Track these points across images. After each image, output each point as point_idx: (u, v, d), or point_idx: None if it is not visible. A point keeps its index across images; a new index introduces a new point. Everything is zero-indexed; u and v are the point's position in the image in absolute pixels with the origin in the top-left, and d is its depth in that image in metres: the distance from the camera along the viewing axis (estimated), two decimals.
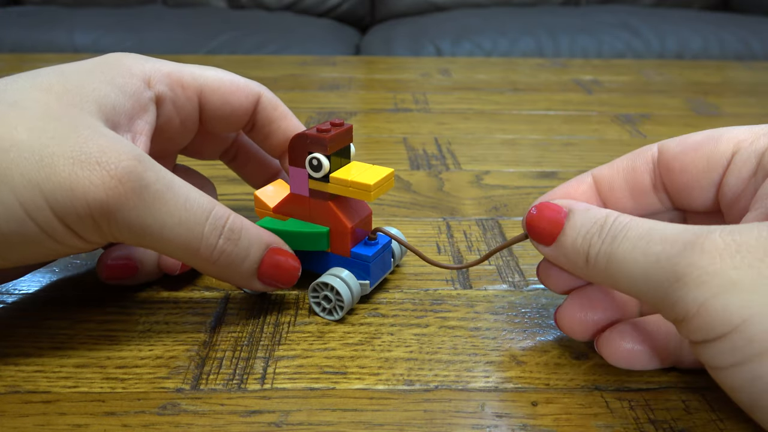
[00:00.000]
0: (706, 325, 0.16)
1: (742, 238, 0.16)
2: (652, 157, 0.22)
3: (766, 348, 0.15)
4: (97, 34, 1.17)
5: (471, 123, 0.51)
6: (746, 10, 1.47)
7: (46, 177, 0.18)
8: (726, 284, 0.15)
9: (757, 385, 0.15)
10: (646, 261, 0.17)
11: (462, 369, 0.22)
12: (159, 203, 0.20)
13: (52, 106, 0.20)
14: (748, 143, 0.20)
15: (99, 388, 0.21)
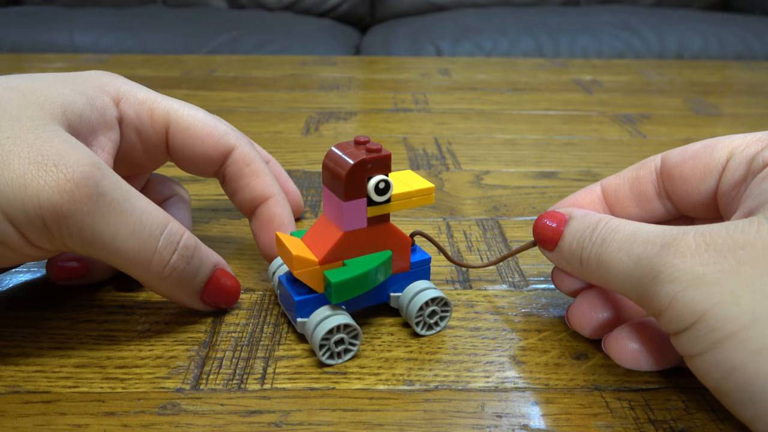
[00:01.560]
0: (677, 317, 0.17)
1: (711, 238, 0.17)
2: (655, 167, 0.23)
3: (724, 335, 0.16)
4: (97, 34, 1.17)
5: (471, 123, 0.51)
6: (746, 10, 1.47)
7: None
8: (693, 279, 0.17)
9: (719, 370, 0.16)
10: (629, 261, 0.19)
11: (462, 369, 0.22)
12: (114, 212, 0.20)
13: (12, 103, 0.20)
14: (740, 150, 0.21)
15: (99, 388, 0.21)
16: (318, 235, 0.23)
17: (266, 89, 0.62)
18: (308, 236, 0.23)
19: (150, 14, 1.31)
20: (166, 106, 0.25)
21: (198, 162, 0.26)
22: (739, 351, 0.16)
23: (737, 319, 0.16)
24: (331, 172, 0.21)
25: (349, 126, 0.50)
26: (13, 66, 0.70)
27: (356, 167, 0.21)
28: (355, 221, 0.22)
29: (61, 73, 0.23)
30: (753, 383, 0.16)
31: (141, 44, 1.14)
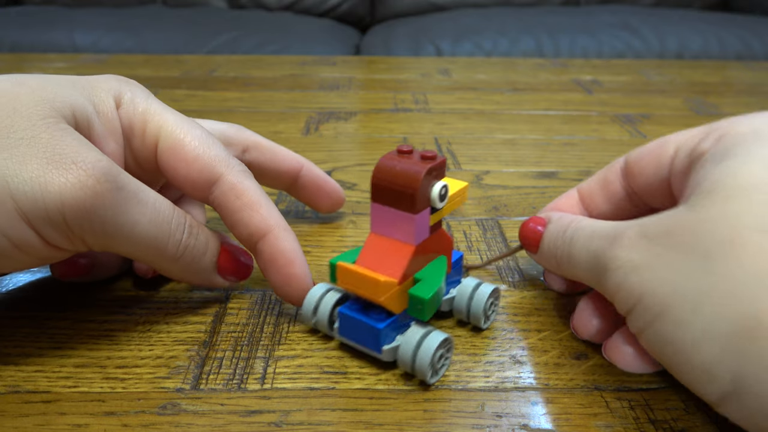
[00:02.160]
0: (622, 302, 0.19)
1: (647, 228, 0.19)
2: (620, 167, 0.25)
3: (656, 314, 0.18)
4: (97, 34, 1.17)
5: (471, 123, 0.51)
6: (746, 10, 1.47)
7: (14, 173, 0.18)
8: (631, 267, 0.19)
9: (656, 343, 0.19)
10: (588, 256, 0.21)
11: (462, 369, 0.22)
12: (132, 203, 0.20)
13: (23, 99, 0.19)
14: (684, 143, 0.22)
15: (99, 388, 0.21)
16: (380, 255, 0.21)
17: (266, 89, 0.62)
18: (366, 259, 0.21)
19: (150, 14, 1.31)
20: (161, 120, 0.23)
21: (183, 185, 0.24)
22: (667, 325, 0.18)
23: (665, 298, 0.18)
24: (395, 187, 0.20)
25: (349, 126, 0.50)
26: (13, 66, 0.70)
27: (426, 178, 0.20)
28: (422, 232, 0.21)
29: (71, 76, 0.23)
30: (681, 352, 0.18)
31: (141, 44, 1.14)
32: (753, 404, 0.16)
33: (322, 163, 0.42)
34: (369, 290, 0.21)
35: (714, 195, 0.18)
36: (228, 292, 0.27)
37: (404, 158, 0.21)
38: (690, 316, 0.17)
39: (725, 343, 0.16)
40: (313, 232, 0.32)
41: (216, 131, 0.28)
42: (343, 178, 0.39)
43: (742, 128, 0.20)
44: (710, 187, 0.18)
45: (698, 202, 0.18)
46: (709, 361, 0.17)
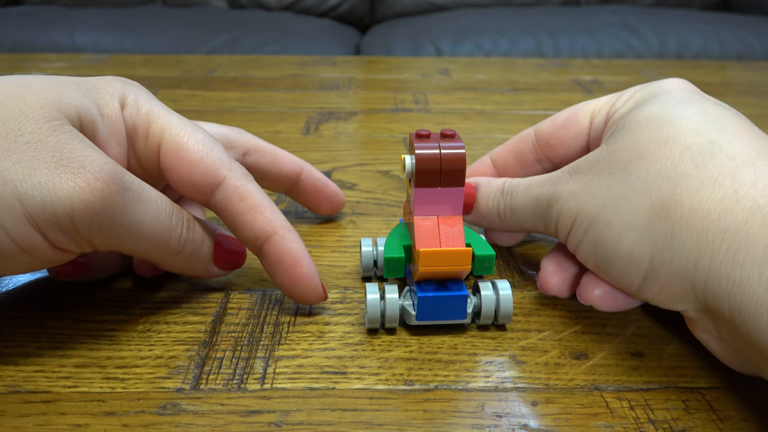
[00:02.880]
0: (563, 225, 0.23)
1: (578, 166, 0.23)
2: (531, 140, 0.29)
3: (588, 223, 0.22)
4: (97, 34, 1.17)
5: (471, 123, 0.51)
6: (746, 10, 1.47)
7: (23, 178, 0.18)
8: (569, 196, 0.23)
9: (590, 249, 0.23)
10: (530, 202, 0.25)
11: (462, 369, 0.22)
12: (138, 202, 0.21)
13: (28, 101, 0.20)
14: (598, 110, 0.26)
15: (99, 388, 0.21)
16: (436, 232, 0.23)
17: (266, 89, 0.62)
18: (425, 240, 0.23)
19: (150, 14, 1.31)
20: (165, 122, 0.23)
21: (185, 189, 0.24)
22: (597, 229, 0.22)
23: (593, 209, 0.22)
24: (446, 167, 0.22)
25: (349, 126, 0.50)
26: (13, 66, 0.70)
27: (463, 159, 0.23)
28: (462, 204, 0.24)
29: (75, 77, 0.23)
30: (608, 248, 0.22)
31: (141, 44, 1.14)
32: (666, 272, 0.20)
33: (322, 163, 0.42)
34: (458, 263, 0.23)
35: (623, 130, 0.23)
36: (228, 292, 0.27)
37: (431, 141, 0.23)
38: (614, 216, 0.21)
39: (643, 228, 0.20)
40: (313, 232, 0.32)
41: (218, 134, 0.28)
42: (343, 178, 0.39)
43: (645, 90, 0.24)
44: (620, 127, 0.23)
45: (612, 139, 0.23)
46: (630, 247, 0.21)
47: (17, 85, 0.20)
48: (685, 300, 0.20)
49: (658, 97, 0.23)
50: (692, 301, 0.20)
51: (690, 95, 0.23)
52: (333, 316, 0.25)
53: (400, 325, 0.25)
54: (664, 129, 0.21)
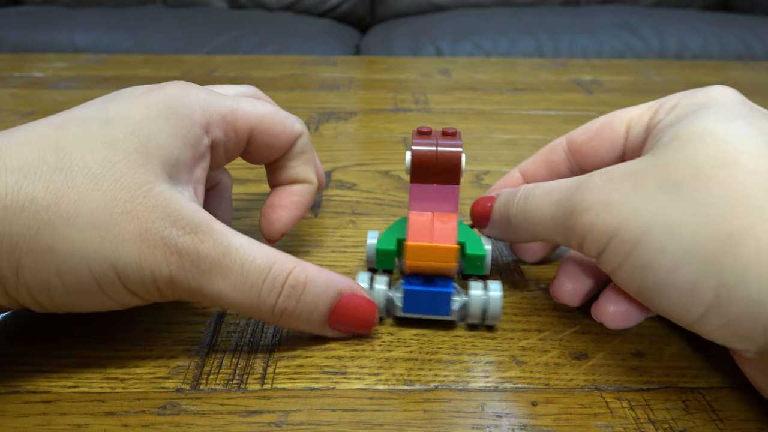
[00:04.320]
0: (595, 240, 0.21)
1: (613, 174, 0.21)
2: (563, 149, 0.27)
3: (632, 244, 0.20)
4: (97, 34, 1.17)
5: (471, 123, 0.51)
6: (746, 10, 1.47)
7: (119, 255, 0.20)
8: (603, 206, 0.21)
9: (635, 274, 0.20)
10: (550, 207, 0.23)
11: (462, 369, 0.22)
12: (215, 272, 0.21)
13: (120, 169, 0.21)
14: (636, 120, 0.25)
15: (99, 388, 0.21)
16: (429, 228, 0.23)
17: (266, 89, 0.62)
18: (418, 235, 0.23)
19: (150, 14, 1.31)
20: (245, 113, 0.26)
21: (273, 153, 0.27)
22: (645, 252, 0.20)
23: (638, 228, 0.20)
24: (441, 164, 0.23)
25: (349, 126, 0.50)
26: (13, 66, 0.70)
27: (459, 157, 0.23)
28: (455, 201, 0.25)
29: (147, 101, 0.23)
30: (661, 276, 0.19)
31: (141, 44, 1.14)
32: (736, 311, 0.18)
33: (322, 163, 0.42)
34: (444, 259, 0.23)
35: (673, 143, 0.21)
36: None
37: (431, 138, 0.23)
38: (669, 241, 0.19)
39: (707, 259, 0.18)
40: (313, 232, 0.32)
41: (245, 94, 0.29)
42: (343, 178, 0.39)
43: (689, 99, 0.23)
44: (668, 140, 0.21)
45: (659, 151, 0.21)
46: (691, 279, 0.19)
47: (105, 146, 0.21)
48: (750, 340, 0.19)
49: (710, 109, 0.22)
50: (759, 343, 0.18)
51: (745, 109, 0.22)
52: None
53: (388, 316, 0.25)
54: (724, 149, 0.20)
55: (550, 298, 0.27)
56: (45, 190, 0.19)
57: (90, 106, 0.23)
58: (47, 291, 0.20)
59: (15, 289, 0.20)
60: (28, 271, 0.19)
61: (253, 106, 0.26)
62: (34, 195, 0.19)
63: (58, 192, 0.20)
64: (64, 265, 0.20)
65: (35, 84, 0.62)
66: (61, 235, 0.19)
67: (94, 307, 0.21)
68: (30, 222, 0.19)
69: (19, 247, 0.19)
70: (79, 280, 0.20)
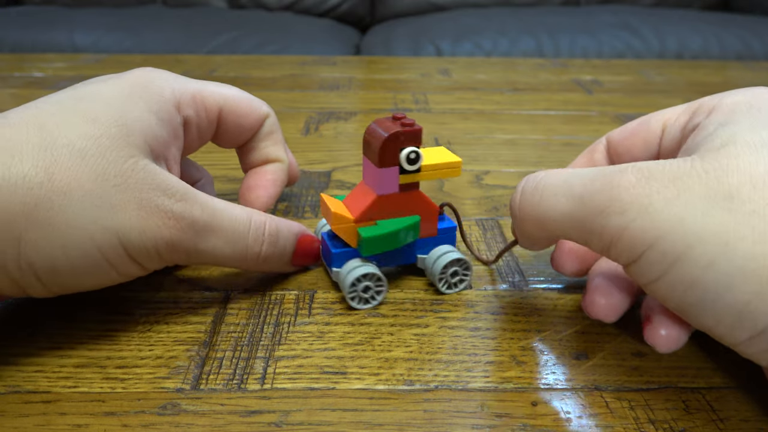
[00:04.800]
0: (629, 247, 0.19)
1: (651, 172, 0.19)
2: (603, 147, 0.26)
3: (676, 257, 0.18)
4: (97, 34, 1.17)
5: (471, 123, 0.51)
6: (746, 10, 1.47)
7: (119, 222, 0.21)
8: (640, 209, 0.18)
9: (677, 289, 0.18)
10: (568, 201, 0.20)
11: (462, 369, 0.22)
12: (208, 231, 0.23)
13: (104, 143, 0.22)
14: (672, 121, 0.24)
15: (99, 388, 0.21)
16: (356, 197, 0.26)
17: (266, 89, 0.62)
18: (348, 199, 0.26)
19: (150, 14, 1.31)
20: (213, 92, 0.27)
21: (242, 133, 0.29)
22: (691, 268, 0.17)
23: (685, 240, 0.17)
24: (369, 142, 0.25)
25: (349, 126, 0.50)
26: (13, 66, 0.70)
27: (390, 139, 0.24)
28: (388, 186, 0.25)
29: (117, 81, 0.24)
30: (709, 293, 0.17)
31: (141, 44, 1.14)
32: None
33: (322, 163, 0.42)
34: (328, 219, 0.26)
35: (725, 150, 0.19)
36: (228, 292, 0.27)
37: (392, 123, 0.24)
38: (720, 256, 0.17)
39: (765, 279, 0.17)
40: None
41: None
42: (343, 178, 0.39)
43: (732, 99, 0.21)
44: (719, 145, 0.19)
45: (708, 156, 0.19)
46: (744, 299, 0.17)
47: (85, 121, 0.22)
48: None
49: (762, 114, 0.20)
50: None
51: None
52: (333, 316, 0.25)
53: None
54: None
55: (550, 298, 0.27)
56: (35, 167, 0.20)
57: (59, 92, 0.24)
58: (52, 268, 0.20)
59: (18, 270, 0.20)
60: (31, 248, 0.20)
61: (219, 87, 0.28)
62: (25, 173, 0.20)
63: (48, 169, 0.20)
64: (67, 238, 0.20)
65: (35, 84, 0.62)
66: (59, 210, 0.20)
67: (98, 281, 0.22)
68: (25, 199, 0.20)
69: (17, 224, 0.20)
70: (83, 253, 0.21)
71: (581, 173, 0.21)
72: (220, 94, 0.28)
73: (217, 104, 0.28)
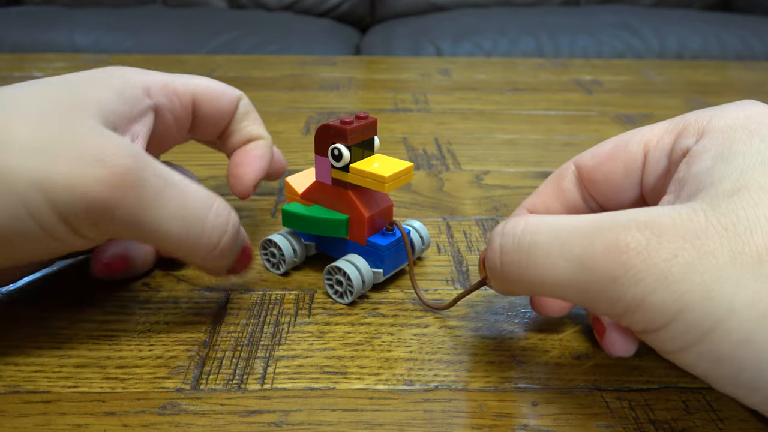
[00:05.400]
0: (647, 319, 0.17)
1: (660, 228, 0.16)
2: (574, 174, 0.23)
3: (703, 332, 0.16)
4: (97, 34, 1.17)
5: (471, 123, 0.51)
6: (746, 10, 1.47)
7: (46, 176, 0.19)
8: (659, 279, 0.16)
9: (704, 363, 0.16)
10: (567, 264, 0.18)
11: (462, 369, 0.22)
12: (156, 200, 0.20)
13: (50, 105, 0.20)
14: (654, 143, 0.21)
15: (99, 388, 0.21)
16: (310, 180, 0.29)
17: (266, 89, 0.62)
18: (307, 179, 0.29)
19: (150, 14, 1.31)
20: (184, 82, 0.28)
21: (221, 117, 0.29)
22: (723, 343, 0.16)
23: (714, 313, 0.16)
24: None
25: None
26: (13, 66, 0.70)
27: (320, 129, 0.26)
28: (322, 174, 0.27)
29: (86, 71, 0.24)
30: (746, 369, 0.16)
31: (141, 44, 1.14)
32: None
33: None
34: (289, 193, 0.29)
35: (738, 198, 0.17)
36: (228, 292, 0.27)
37: (346, 119, 0.25)
38: (757, 331, 0.15)
39: None
40: None
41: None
42: None
43: (725, 123, 0.19)
44: (729, 190, 0.17)
45: (721, 205, 0.17)
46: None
47: (44, 87, 0.21)
48: None
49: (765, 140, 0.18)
50: None
51: None
52: (333, 316, 0.25)
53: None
54: None
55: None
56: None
57: None
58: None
59: None
60: None
61: (188, 77, 0.28)
62: None
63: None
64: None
65: None
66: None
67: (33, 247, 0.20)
68: None
69: None
70: (8, 207, 0.19)
71: (572, 225, 0.18)
72: (190, 82, 0.28)
73: (189, 92, 0.27)
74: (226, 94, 0.29)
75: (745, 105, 0.20)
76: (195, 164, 0.40)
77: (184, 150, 0.39)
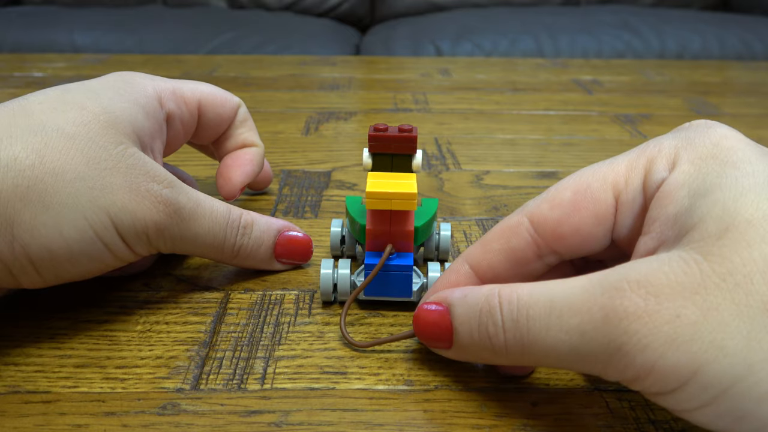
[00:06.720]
0: (660, 383, 0.16)
1: (655, 288, 0.16)
2: (527, 231, 0.21)
3: (721, 391, 0.15)
4: (97, 34, 1.17)
5: (471, 123, 0.51)
6: (746, 10, 1.47)
7: (111, 203, 0.22)
8: (666, 343, 0.15)
9: (723, 421, 0.16)
10: (569, 338, 0.17)
11: (462, 369, 0.22)
12: (192, 219, 0.24)
13: (93, 129, 0.22)
14: (623, 185, 0.20)
15: (99, 388, 0.21)
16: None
17: (266, 89, 0.62)
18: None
19: (150, 14, 1.31)
20: (190, 88, 0.29)
21: (222, 122, 0.31)
22: (743, 401, 0.15)
23: (731, 372, 0.15)
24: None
25: (349, 126, 0.50)
26: (13, 66, 0.70)
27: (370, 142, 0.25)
28: None
29: (103, 79, 0.26)
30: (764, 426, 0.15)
31: (141, 44, 1.14)
32: None
33: (322, 163, 0.42)
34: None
35: (727, 240, 0.16)
36: (228, 292, 0.27)
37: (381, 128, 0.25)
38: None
39: None
40: (312, 232, 0.32)
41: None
42: (343, 178, 0.39)
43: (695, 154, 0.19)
44: (715, 231, 0.16)
45: (711, 252, 0.16)
46: None
47: (76, 111, 0.22)
48: None
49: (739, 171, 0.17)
50: None
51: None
52: (333, 316, 0.25)
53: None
54: None
55: None
56: (24, 149, 0.20)
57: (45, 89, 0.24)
58: (47, 250, 0.20)
59: (11, 254, 0.20)
60: (25, 231, 0.20)
61: (193, 84, 0.30)
62: (16, 155, 0.20)
63: (39, 151, 0.21)
64: (62, 218, 0.20)
65: (35, 84, 0.62)
66: (53, 190, 0.20)
67: (92, 265, 0.22)
68: (17, 180, 0.20)
69: (10, 206, 0.20)
70: (78, 233, 0.21)
71: (564, 294, 0.17)
72: (196, 89, 0.29)
73: (195, 97, 0.29)
74: (228, 101, 0.31)
75: (709, 131, 0.19)
76: (195, 164, 0.40)
77: (184, 150, 0.38)
